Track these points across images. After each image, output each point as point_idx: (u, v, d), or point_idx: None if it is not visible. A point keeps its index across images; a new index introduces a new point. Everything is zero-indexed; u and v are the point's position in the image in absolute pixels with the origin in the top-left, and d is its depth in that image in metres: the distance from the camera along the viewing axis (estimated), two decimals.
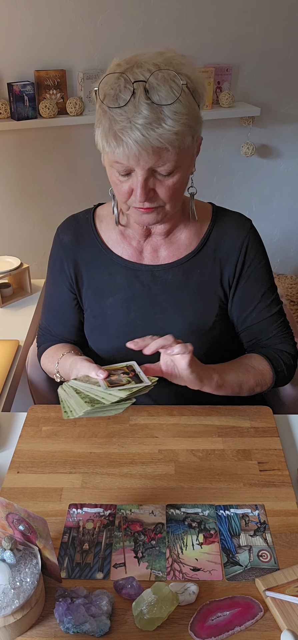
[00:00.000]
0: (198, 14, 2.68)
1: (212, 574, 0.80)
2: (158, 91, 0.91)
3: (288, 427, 1.11)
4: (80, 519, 0.89)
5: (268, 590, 0.76)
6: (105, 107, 0.94)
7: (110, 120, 0.93)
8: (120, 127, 0.92)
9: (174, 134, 0.93)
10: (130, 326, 1.16)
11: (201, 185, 1.05)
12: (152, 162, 0.95)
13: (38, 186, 2.76)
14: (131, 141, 0.91)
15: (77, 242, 1.19)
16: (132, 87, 0.91)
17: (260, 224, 1.30)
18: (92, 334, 1.22)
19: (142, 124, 0.90)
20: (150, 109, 0.91)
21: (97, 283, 1.18)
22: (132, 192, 1.00)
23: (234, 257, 1.15)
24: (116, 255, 1.17)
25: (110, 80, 0.95)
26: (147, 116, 0.90)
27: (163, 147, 0.93)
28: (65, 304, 1.23)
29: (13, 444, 1.07)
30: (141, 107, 0.91)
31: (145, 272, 1.16)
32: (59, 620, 0.73)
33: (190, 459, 1.01)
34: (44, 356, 1.25)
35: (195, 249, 1.15)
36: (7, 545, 0.74)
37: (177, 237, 1.16)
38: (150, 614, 0.72)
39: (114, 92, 0.93)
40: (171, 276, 1.15)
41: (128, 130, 0.91)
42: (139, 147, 0.92)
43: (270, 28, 2.82)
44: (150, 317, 1.15)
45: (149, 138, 0.91)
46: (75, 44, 2.55)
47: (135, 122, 0.91)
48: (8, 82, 2.45)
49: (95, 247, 1.18)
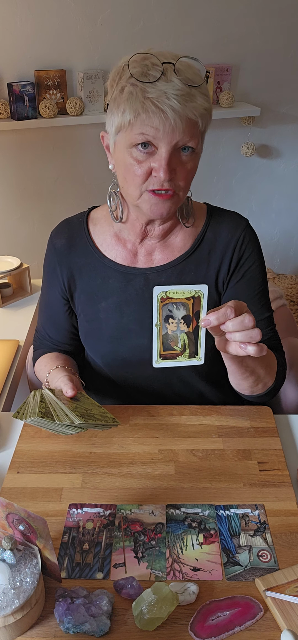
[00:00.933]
0: (198, 14, 2.68)
1: (212, 574, 0.80)
2: (186, 73, 0.95)
3: (288, 427, 1.11)
4: (80, 519, 0.89)
5: (268, 590, 0.76)
6: (134, 81, 0.95)
7: (142, 91, 0.94)
8: (155, 96, 0.93)
9: (205, 109, 0.97)
10: (124, 330, 1.15)
11: (201, 185, 1.05)
12: (183, 135, 0.96)
13: (38, 186, 2.76)
14: (168, 109, 0.93)
15: (69, 247, 1.18)
16: (161, 67, 0.94)
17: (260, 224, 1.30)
18: (86, 339, 1.22)
19: (178, 94, 0.93)
20: (183, 85, 0.94)
21: (90, 288, 1.17)
22: (150, 174, 0.99)
23: (228, 256, 1.13)
24: (109, 260, 1.15)
25: (136, 59, 0.97)
26: (182, 89, 0.93)
27: (195, 121, 0.96)
28: (57, 308, 1.22)
29: (13, 444, 1.07)
30: (174, 82, 0.93)
31: (138, 275, 1.14)
32: (59, 620, 0.73)
33: (190, 459, 1.01)
34: (38, 363, 1.25)
35: (188, 249, 1.14)
36: (7, 545, 0.75)
37: (172, 240, 1.15)
38: (150, 614, 0.72)
39: (141, 69, 0.95)
40: (164, 279, 1.14)
41: (164, 99, 0.93)
42: (175, 115, 0.93)
43: (270, 28, 2.82)
44: (143, 321, 1.14)
45: (184, 108, 0.94)
46: (75, 44, 2.55)
47: (170, 92, 0.93)
48: (8, 82, 2.45)
49: (87, 251, 1.17)
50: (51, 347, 1.25)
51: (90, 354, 1.23)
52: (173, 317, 0.88)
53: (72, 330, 1.24)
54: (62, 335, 1.25)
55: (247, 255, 1.14)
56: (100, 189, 2.83)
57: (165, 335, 0.89)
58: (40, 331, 1.28)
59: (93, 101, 2.59)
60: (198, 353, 0.91)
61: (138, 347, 1.15)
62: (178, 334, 0.89)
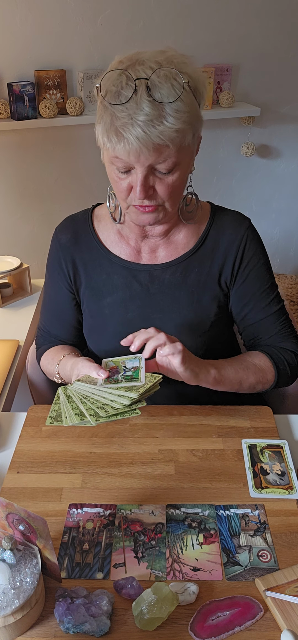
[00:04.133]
0: (198, 14, 2.68)
1: (212, 574, 0.80)
2: (160, 89, 0.92)
3: (288, 427, 1.11)
4: (80, 519, 0.89)
5: (268, 590, 0.76)
6: (106, 104, 0.94)
7: (111, 116, 0.94)
8: (121, 124, 0.92)
9: (175, 132, 0.93)
10: (128, 326, 1.15)
11: (201, 185, 1.05)
12: (152, 159, 0.95)
13: (38, 186, 2.76)
14: (132, 137, 0.92)
15: (75, 242, 1.19)
16: (134, 84, 0.92)
17: (260, 224, 1.30)
18: (90, 334, 1.22)
19: (143, 121, 0.91)
20: (152, 106, 0.91)
21: (95, 283, 1.18)
22: (131, 190, 1.01)
23: (232, 255, 1.15)
24: (114, 255, 1.17)
25: (112, 76, 0.95)
26: (149, 113, 0.91)
27: (164, 144, 0.94)
28: (63, 303, 1.23)
29: (13, 444, 1.07)
30: (143, 104, 0.91)
31: (143, 271, 1.16)
32: (59, 620, 0.73)
33: (190, 459, 1.01)
34: (44, 357, 1.25)
35: (192, 247, 1.15)
36: (7, 545, 0.74)
37: (176, 236, 1.16)
38: (150, 614, 0.72)
39: (115, 88, 0.93)
40: (169, 275, 1.15)
41: (129, 127, 0.91)
42: (140, 143, 0.92)
43: (270, 28, 2.82)
44: (148, 317, 1.15)
45: (150, 135, 0.91)
46: (75, 44, 2.55)
47: (136, 118, 0.91)
48: (8, 82, 2.45)
49: (93, 247, 1.18)
50: (55, 344, 1.26)
51: (93, 349, 1.24)
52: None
53: (76, 326, 1.25)
54: (66, 331, 1.25)
55: (251, 254, 1.16)
56: (100, 189, 2.81)
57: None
58: (43, 329, 1.29)
59: (93, 101, 2.59)
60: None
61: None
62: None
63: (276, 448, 1.01)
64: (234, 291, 1.17)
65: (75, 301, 1.23)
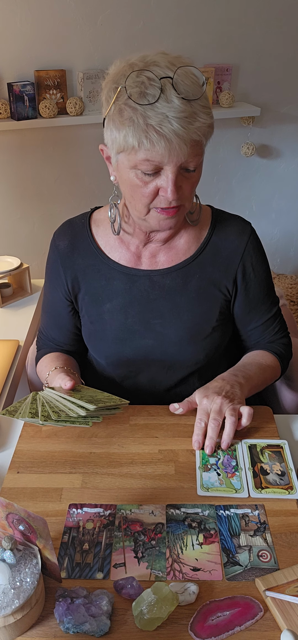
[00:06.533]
0: (198, 14, 2.68)
1: (212, 574, 0.80)
2: (185, 87, 0.92)
3: (288, 427, 1.11)
4: (80, 519, 0.89)
5: (268, 590, 0.76)
6: (133, 104, 0.91)
7: (143, 116, 0.91)
8: (157, 122, 0.90)
9: (208, 127, 0.94)
10: (128, 332, 1.15)
11: (201, 186, 1.05)
12: (187, 156, 0.94)
13: (38, 186, 2.76)
14: (172, 135, 0.90)
15: (72, 248, 1.17)
16: (159, 83, 0.90)
17: (260, 224, 1.30)
18: (90, 340, 1.22)
19: (180, 118, 0.90)
20: (183, 104, 0.90)
21: (94, 289, 1.17)
22: (157, 193, 0.98)
23: (235, 263, 1.15)
24: (113, 261, 1.15)
25: (131, 78, 0.93)
26: (184, 110, 0.90)
27: (199, 140, 0.94)
28: (60, 309, 1.22)
29: (13, 444, 1.07)
30: (174, 102, 0.90)
31: (142, 277, 1.14)
32: (59, 620, 0.73)
33: (190, 459, 1.01)
34: (40, 364, 1.25)
35: (194, 253, 1.14)
36: (7, 545, 0.74)
37: (176, 242, 1.15)
38: (150, 614, 0.72)
39: (139, 89, 0.91)
40: (169, 281, 1.14)
41: (167, 124, 0.90)
42: (179, 140, 0.91)
43: (270, 28, 2.82)
44: (148, 323, 1.14)
45: (188, 131, 0.91)
46: (75, 44, 2.55)
47: (172, 116, 0.90)
48: (8, 82, 2.45)
49: (91, 253, 1.16)
50: (54, 348, 1.26)
51: (93, 354, 1.23)
52: None
53: (75, 331, 1.24)
54: (65, 336, 1.25)
55: (255, 261, 1.16)
56: (100, 189, 2.83)
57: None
58: (43, 332, 1.28)
59: (93, 101, 2.59)
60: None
61: (142, 348, 1.15)
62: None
63: (276, 448, 1.01)
64: (238, 298, 1.18)
65: (72, 308, 1.21)
